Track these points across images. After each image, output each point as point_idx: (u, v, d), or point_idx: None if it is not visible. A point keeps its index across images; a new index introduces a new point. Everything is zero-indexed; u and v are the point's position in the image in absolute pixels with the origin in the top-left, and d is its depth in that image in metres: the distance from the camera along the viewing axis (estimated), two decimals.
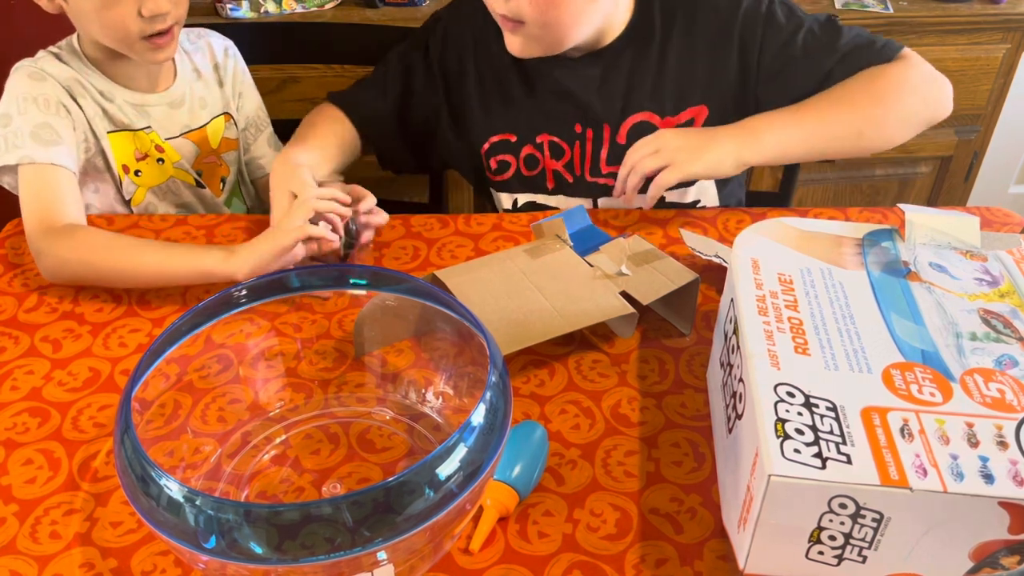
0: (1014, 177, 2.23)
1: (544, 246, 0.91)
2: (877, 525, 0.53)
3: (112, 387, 0.81)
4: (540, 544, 0.66)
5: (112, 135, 1.07)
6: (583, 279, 0.85)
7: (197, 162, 1.16)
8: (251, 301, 0.72)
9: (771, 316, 0.65)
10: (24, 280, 0.94)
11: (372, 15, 1.71)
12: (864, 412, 0.57)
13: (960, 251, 0.73)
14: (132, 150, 1.09)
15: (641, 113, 1.04)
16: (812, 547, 0.55)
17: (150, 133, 1.09)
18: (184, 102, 1.13)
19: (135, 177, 1.11)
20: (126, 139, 1.08)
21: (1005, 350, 0.62)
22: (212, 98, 1.17)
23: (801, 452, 0.53)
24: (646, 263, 0.87)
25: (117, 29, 0.98)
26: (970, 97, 1.84)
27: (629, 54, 1.03)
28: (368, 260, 0.98)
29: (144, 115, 1.10)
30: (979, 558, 0.54)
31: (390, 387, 0.81)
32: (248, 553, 0.52)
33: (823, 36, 1.00)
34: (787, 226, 0.76)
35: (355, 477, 0.72)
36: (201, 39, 1.17)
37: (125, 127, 1.08)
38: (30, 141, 0.96)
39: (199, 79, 1.16)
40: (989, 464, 0.53)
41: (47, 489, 0.70)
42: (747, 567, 0.57)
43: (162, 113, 1.11)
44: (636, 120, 1.05)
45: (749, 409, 0.59)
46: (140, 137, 1.09)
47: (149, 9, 0.97)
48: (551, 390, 0.80)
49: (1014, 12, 1.74)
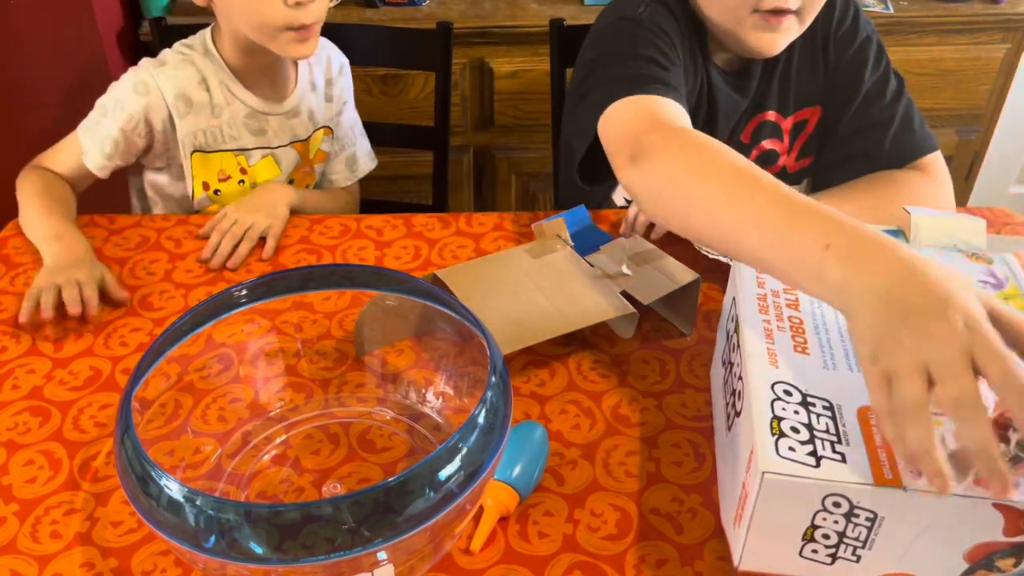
0: (1014, 177, 2.23)
1: (545, 246, 0.91)
2: (871, 524, 0.53)
3: (113, 386, 0.81)
4: (540, 544, 0.66)
5: (196, 155, 1.10)
6: (584, 279, 0.85)
7: (295, 171, 1.19)
8: (252, 301, 0.72)
9: (771, 315, 0.65)
10: (25, 280, 0.94)
11: (372, 15, 1.71)
12: (861, 412, 0.57)
13: (966, 253, 0.73)
14: (216, 171, 1.13)
15: (768, 112, 1.05)
16: (806, 545, 0.55)
17: (239, 156, 1.12)
18: (299, 113, 1.17)
19: (213, 196, 1.14)
20: (212, 160, 1.12)
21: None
22: (320, 111, 1.20)
23: (796, 450, 0.54)
24: (647, 263, 0.87)
25: (263, 16, 1.00)
26: (970, 97, 1.84)
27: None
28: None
29: (261, 123, 1.13)
30: (974, 560, 0.54)
31: (390, 387, 0.81)
32: (248, 553, 0.52)
33: (889, 92, 1.02)
34: None
35: (355, 477, 0.72)
36: (323, 51, 1.20)
37: (218, 148, 1.11)
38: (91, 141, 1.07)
39: (313, 91, 1.19)
40: None
41: (47, 489, 0.70)
42: (741, 564, 0.58)
43: (278, 123, 1.15)
44: (761, 120, 1.05)
45: (747, 407, 0.59)
46: (227, 158, 1.12)
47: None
48: (551, 390, 0.80)
49: (1014, 12, 1.74)
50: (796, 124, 1.06)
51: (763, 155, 1.06)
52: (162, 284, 0.94)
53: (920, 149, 1.01)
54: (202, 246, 0.99)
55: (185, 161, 1.10)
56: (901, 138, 1.01)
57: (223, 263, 0.96)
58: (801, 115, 1.06)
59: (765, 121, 1.05)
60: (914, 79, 1.78)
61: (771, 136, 1.06)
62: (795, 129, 1.06)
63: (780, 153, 1.07)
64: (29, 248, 0.99)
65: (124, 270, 0.96)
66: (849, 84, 1.02)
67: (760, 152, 1.06)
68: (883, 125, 1.00)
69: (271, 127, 1.14)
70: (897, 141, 1.01)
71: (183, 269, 0.96)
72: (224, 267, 0.96)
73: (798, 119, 1.06)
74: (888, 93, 1.02)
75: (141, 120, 1.06)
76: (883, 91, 1.01)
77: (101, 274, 0.91)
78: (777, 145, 1.06)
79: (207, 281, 0.95)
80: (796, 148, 1.07)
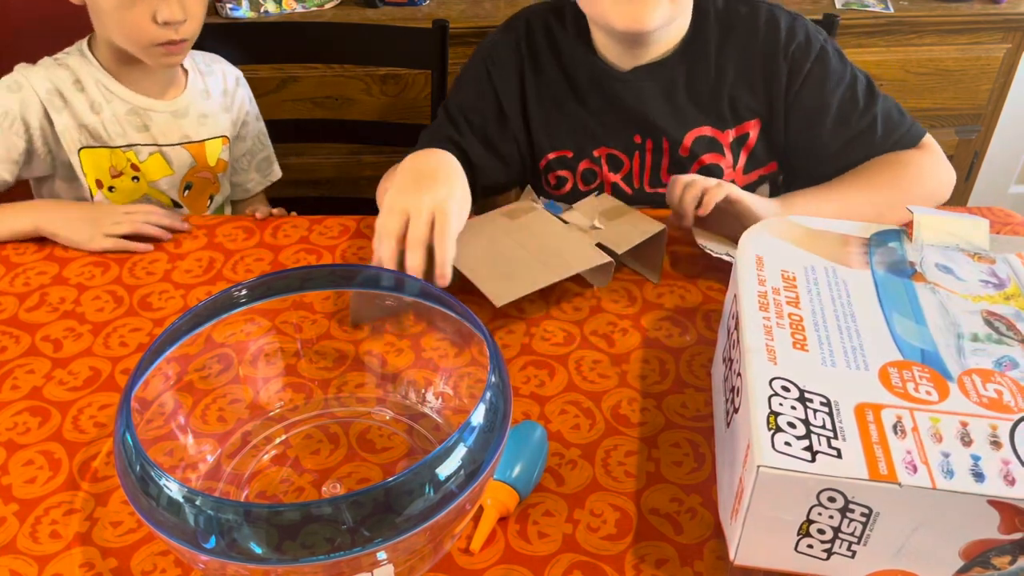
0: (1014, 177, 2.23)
1: (520, 209, 0.97)
2: (866, 520, 0.53)
3: (113, 386, 0.81)
4: (540, 544, 0.66)
5: (85, 151, 1.10)
6: (560, 234, 0.92)
7: (191, 174, 1.20)
8: (251, 301, 0.72)
9: (771, 312, 0.65)
10: (25, 279, 0.94)
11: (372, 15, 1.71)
12: (858, 408, 0.57)
13: (968, 253, 0.73)
14: (107, 167, 1.13)
15: (703, 127, 1.05)
16: (801, 540, 0.55)
17: (127, 152, 1.13)
18: (188, 114, 1.17)
19: (108, 193, 1.15)
20: (101, 156, 1.12)
21: (1006, 352, 0.62)
22: (215, 119, 1.21)
23: (792, 445, 0.54)
24: (617, 217, 0.95)
25: (132, 30, 1.03)
26: (970, 97, 1.85)
27: (683, 68, 1.04)
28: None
29: (144, 119, 1.13)
30: (970, 557, 0.54)
31: (390, 387, 0.81)
32: (248, 553, 0.52)
33: (862, 96, 1.02)
34: (795, 224, 0.76)
35: (355, 477, 0.72)
36: (216, 64, 1.23)
37: (103, 143, 1.11)
38: None
39: (207, 99, 1.20)
40: (981, 463, 0.53)
41: (47, 489, 0.70)
42: (737, 558, 0.58)
43: (164, 120, 1.15)
44: (699, 133, 1.05)
45: (744, 402, 0.59)
46: (116, 155, 1.13)
47: (163, 16, 1.01)
48: (551, 390, 0.80)
49: (1014, 12, 1.74)
50: (737, 139, 1.05)
51: (705, 169, 1.06)
52: (162, 284, 0.94)
53: (914, 136, 1.02)
54: (202, 247, 0.99)
55: (73, 158, 1.10)
56: (893, 134, 1.02)
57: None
58: (741, 129, 1.05)
59: (702, 136, 1.05)
60: (914, 79, 1.79)
61: (710, 151, 1.05)
62: (736, 144, 1.06)
63: (725, 168, 1.06)
64: (29, 248, 0.99)
65: (123, 270, 0.96)
66: (814, 100, 1.02)
67: (701, 167, 1.06)
68: (869, 130, 1.01)
69: (155, 124, 1.14)
70: (890, 138, 1.01)
71: (183, 269, 0.96)
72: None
73: (738, 133, 1.05)
74: (861, 98, 1.01)
75: (17, 117, 1.05)
76: (855, 98, 1.01)
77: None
78: (720, 160, 1.06)
79: (207, 281, 0.95)
80: (741, 162, 1.07)
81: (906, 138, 1.02)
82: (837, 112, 1.02)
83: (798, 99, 1.02)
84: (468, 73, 1.11)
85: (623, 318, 0.88)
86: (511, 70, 1.07)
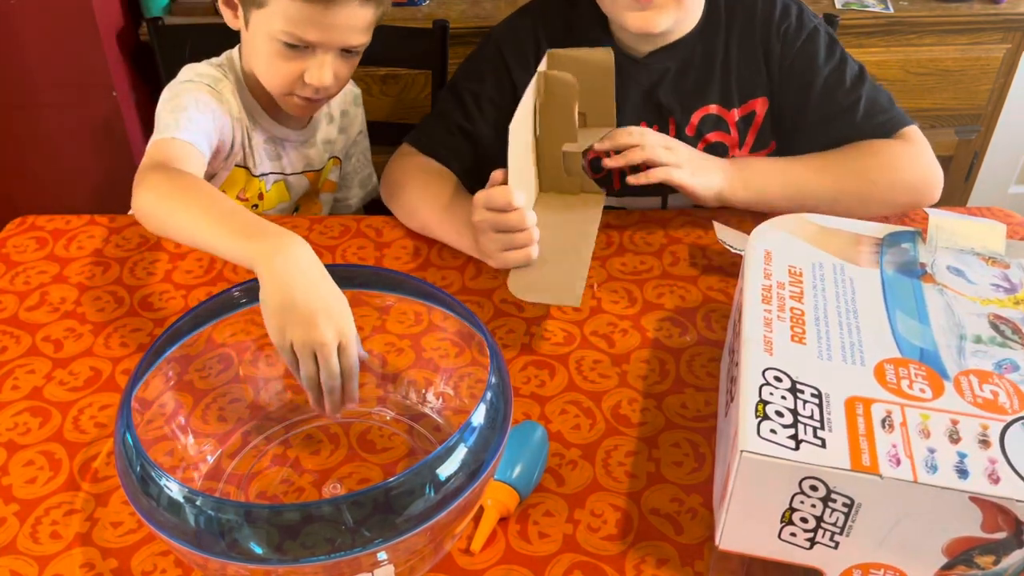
0: (1014, 177, 2.23)
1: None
2: (848, 511, 0.54)
3: (113, 387, 0.81)
4: (541, 544, 0.66)
5: (237, 169, 1.09)
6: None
7: (302, 198, 1.19)
8: (252, 301, 0.72)
9: (773, 305, 0.66)
10: (26, 279, 0.94)
11: None
12: (848, 401, 0.58)
13: (982, 257, 0.73)
14: (239, 189, 1.11)
15: (711, 106, 1.06)
16: (784, 528, 0.56)
17: (261, 181, 1.11)
18: (315, 143, 1.16)
19: None
20: (241, 176, 1.10)
21: (1008, 355, 0.62)
22: (334, 143, 1.19)
23: (777, 433, 0.55)
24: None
25: (277, 78, 1.01)
26: (970, 97, 1.84)
27: (700, 48, 1.05)
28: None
29: (278, 149, 1.12)
30: (953, 554, 0.54)
31: (390, 387, 0.81)
32: (248, 553, 0.52)
33: (849, 78, 1.03)
34: (808, 221, 0.77)
35: (355, 477, 0.72)
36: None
37: (247, 167, 1.10)
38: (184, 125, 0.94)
39: (331, 123, 1.18)
40: (966, 460, 0.53)
41: (47, 489, 0.71)
42: (722, 543, 0.59)
43: (294, 149, 1.14)
44: (705, 112, 1.06)
45: (738, 391, 0.60)
46: (252, 182, 1.11)
47: (312, 79, 0.99)
48: (551, 390, 0.80)
49: (1014, 12, 1.74)
50: (743, 117, 1.07)
51: (710, 148, 1.07)
52: (162, 284, 0.94)
53: (896, 123, 1.02)
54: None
55: (223, 172, 1.07)
56: (874, 118, 1.02)
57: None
58: (747, 108, 1.07)
59: (708, 114, 1.06)
60: (914, 79, 1.78)
61: (716, 129, 1.07)
62: (743, 122, 1.07)
63: (730, 146, 1.07)
64: (29, 246, 0.99)
65: (124, 270, 0.96)
66: (802, 75, 1.03)
67: (706, 145, 1.07)
68: (851, 109, 1.01)
69: (287, 155, 1.13)
70: (870, 120, 1.01)
71: (183, 269, 0.96)
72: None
73: (744, 112, 1.07)
74: (848, 79, 1.02)
75: (220, 113, 1.01)
76: (842, 78, 1.02)
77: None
78: (725, 138, 1.07)
79: (207, 281, 0.95)
80: (749, 141, 1.08)
81: (888, 124, 1.02)
82: (823, 88, 1.02)
83: (789, 73, 1.04)
84: (480, 57, 1.10)
85: (623, 318, 0.88)
86: (528, 54, 1.07)
